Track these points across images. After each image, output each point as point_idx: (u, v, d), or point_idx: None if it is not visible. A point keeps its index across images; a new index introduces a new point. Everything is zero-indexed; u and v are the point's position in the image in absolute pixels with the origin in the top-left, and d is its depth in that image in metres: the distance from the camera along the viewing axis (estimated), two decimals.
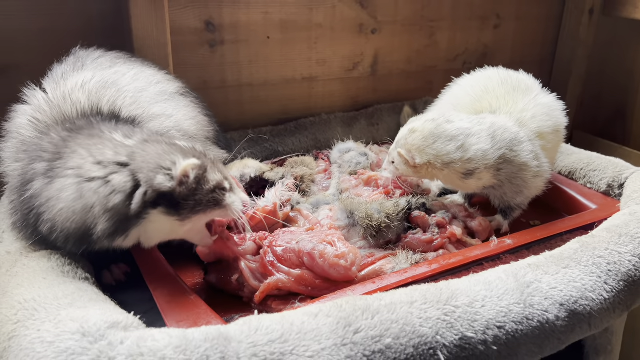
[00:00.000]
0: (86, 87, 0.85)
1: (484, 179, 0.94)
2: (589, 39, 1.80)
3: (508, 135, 0.94)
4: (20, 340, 0.58)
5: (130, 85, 0.90)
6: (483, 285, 0.70)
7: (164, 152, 0.73)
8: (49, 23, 1.09)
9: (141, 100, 0.90)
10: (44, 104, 0.82)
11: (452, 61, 1.67)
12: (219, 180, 0.76)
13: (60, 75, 0.87)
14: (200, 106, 1.07)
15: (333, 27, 1.42)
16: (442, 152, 0.92)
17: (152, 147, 0.73)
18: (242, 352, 0.55)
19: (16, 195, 0.76)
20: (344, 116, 1.45)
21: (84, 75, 0.87)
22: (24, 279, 0.69)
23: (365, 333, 0.59)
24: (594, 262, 0.77)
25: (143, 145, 0.74)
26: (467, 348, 0.62)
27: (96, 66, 0.92)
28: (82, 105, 0.82)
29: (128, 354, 0.54)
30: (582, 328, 0.71)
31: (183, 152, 0.74)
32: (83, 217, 0.70)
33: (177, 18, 1.21)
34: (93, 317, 0.59)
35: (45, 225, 0.73)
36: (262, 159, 1.19)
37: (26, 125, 0.81)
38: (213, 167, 0.76)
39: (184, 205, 0.72)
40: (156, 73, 1.00)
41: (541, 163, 0.97)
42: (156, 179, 0.70)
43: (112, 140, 0.74)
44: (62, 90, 0.83)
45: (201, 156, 0.76)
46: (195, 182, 0.72)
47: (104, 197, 0.70)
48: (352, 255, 0.80)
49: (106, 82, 0.87)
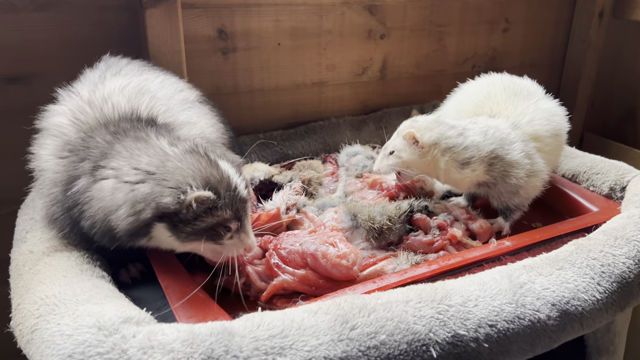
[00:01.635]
0: (125, 91, 0.88)
1: (478, 170, 0.98)
2: (599, 42, 1.81)
3: (499, 134, 0.98)
4: (41, 333, 0.63)
5: (160, 92, 0.94)
6: (477, 285, 0.72)
7: (190, 172, 0.74)
8: (69, 34, 1.15)
9: (172, 108, 0.93)
10: (85, 105, 0.85)
11: (461, 65, 1.69)
12: (226, 218, 0.76)
13: (97, 78, 0.91)
14: (217, 113, 1.11)
15: (342, 33, 1.45)
16: (447, 134, 0.98)
17: (187, 161, 0.75)
18: (244, 346, 0.59)
19: (59, 189, 0.80)
20: (352, 120, 1.48)
21: (121, 80, 0.90)
22: (46, 277, 0.74)
23: (361, 330, 0.63)
24: (588, 263, 0.79)
25: (183, 155, 0.76)
26: (459, 345, 0.65)
27: (129, 72, 0.95)
28: (122, 109, 0.85)
29: (139, 346, 0.58)
30: (574, 327, 0.74)
31: (205, 179, 0.74)
32: (113, 216, 0.74)
33: (191, 27, 1.26)
34: (108, 312, 0.63)
35: (87, 222, 0.77)
36: (272, 162, 1.24)
37: (68, 124, 0.84)
38: (230, 204, 0.76)
39: (182, 228, 0.75)
40: (178, 81, 1.04)
41: (534, 163, 0.99)
42: (165, 198, 0.72)
43: (157, 146, 0.77)
44: (101, 93, 0.87)
45: (220, 190, 0.75)
46: (198, 212, 0.74)
47: (131, 203, 0.73)
48: (353, 256, 0.83)
49: (142, 87, 0.91)
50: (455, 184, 1.04)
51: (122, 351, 0.58)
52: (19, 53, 1.11)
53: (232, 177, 0.78)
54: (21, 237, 0.88)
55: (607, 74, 1.89)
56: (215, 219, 0.75)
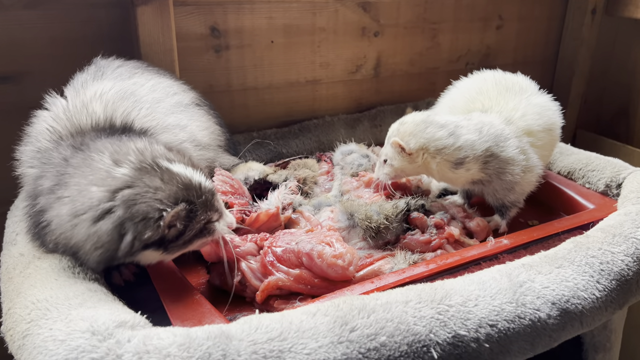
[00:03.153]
0: (104, 97, 0.85)
1: (472, 169, 0.96)
2: (592, 38, 1.81)
3: (494, 131, 0.97)
4: (33, 339, 0.61)
5: (147, 96, 0.91)
6: (477, 284, 0.72)
7: (151, 194, 0.70)
8: (59, 32, 1.13)
9: (157, 112, 0.90)
10: (61, 112, 0.83)
11: (455, 62, 1.69)
12: (209, 217, 0.76)
13: (81, 84, 0.88)
14: (213, 115, 1.10)
15: (336, 31, 1.44)
16: (435, 136, 0.95)
17: (141, 183, 0.71)
18: (242, 350, 0.58)
19: (28, 202, 0.79)
20: (347, 118, 1.47)
21: (103, 85, 0.87)
22: (37, 280, 0.72)
23: (361, 331, 0.62)
24: (587, 261, 0.79)
25: (133, 177, 0.71)
26: (460, 346, 0.64)
27: (116, 76, 0.93)
28: (97, 116, 0.82)
29: (135, 351, 0.57)
30: (574, 326, 0.73)
31: (171, 195, 0.71)
32: (78, 246, 0.72)
33: (183, 24, 1.24)
34: (102, 316, 0.61)
35: (50, 244, 0.76)
36: (266, 162, 1.22)
37: (44, 132, 0.81)
38: (203, 205, 0.75)
39: (173, 245, 0.74)
40: (173, 84, 1.02)
41: (529, 158, 0.99)
42: (144, 233, 0.70)
43: (99, 170, 0.72)
44: (82, 99, 0.84)
45: (191, 194, 0.73)
46: (184, 226, 0.73)
47: (95, 237, 0.70)
48: (350, 256, 0.82)
49: (124, 93, 0.88)
50: (450, 182, 1.03)
51: (116, 356, 0.57)
52: (8, 51, 1.09)
53: (191, 177, 0.75)
54: (11, 239, 0.86)
55: (600, 70, 1.90)
56: (201, 223, 0.75)
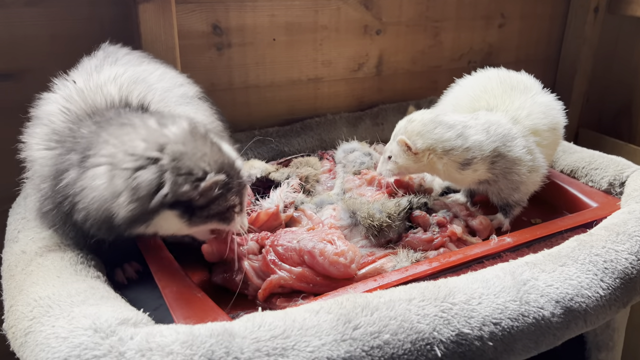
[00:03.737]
0: (118, 80, 0.85)
1: (480, 170, 0.96)
2: (594, 37, 1.81)
3: (501, 131, 0.96)
4: (35, 336, 0.61)
5: (158, 83, 0.92)
6: (480, 282, 0.71)
7: (199, 155, 0.72)
8: (61, 29, 1.12)
9: (168, 99, 0.91)
10: (75, 94, 0.83)
11: (457, 61, 1.68)
12: (235, 202, 0.77)
13: (94, 67, 0.89)
14: (215, 111, 1.09)
15: (338, 29, 1.44)
16: (443, 137, 0.94)
17: (192, 144, 0.73)
18: (245, 347, 0.58)
19: (49, 184, 0.78)
20: (349, 116, 1.46)
21: (116, 69, 0.88)
22: (39, 277, 0.72)
23: (365, 329, 0.62)
24: (591, 260, 0.79)
25: (184, 137, 0.73)
26: (464, 344, 0.64)
27: (127, 62, 0.93)
28: (112, 98, 0.83)
29: (137, 348, 0.57)
30: (578, 324, 0.73)
31: (218, 162, 0.74)
32: (111, 204, 0.71)
33: (185, 22, 1.24)
34: (104, 313, 0.61)
35: (80, 214, 0.74)
36: (268, 160, 1.22)
37: (57, 113, 0.81)
38: (236, 189, 0.77)
39: (197, 213, 0.74)
40: (178, 75, 1.02)
41: (535, 158, 0.98)
42: (182, 186, 0.70)
43: (147, 128, 0.74)
44: (95, 81, 0.85)
45: (231, 173, 0.76)
46: (215, 197, 0.73)
47: (132, 189, 0.70)
48: (352, 253, 0.82)
49: (137, 77, 0.88)
50: (455, 182, 1.03)
51: (119, 354, 0.56)
52: (9, 49, 1.08)
53: (236, 161, 0.78)
54: (13, 236, 0.86)
55: (603, 69, 1.89)
56: (228, 202, 0.76)
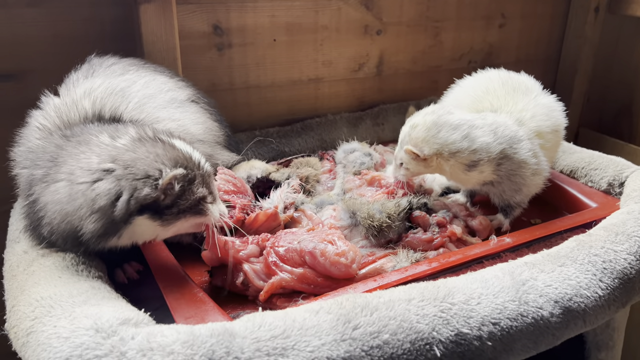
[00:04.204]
0: (92, 94, 0.86)
1: (485, 172, 0.96)
2: (595, 37, 1.81)
3: (508, 133, 0.96)
4: (37, 336, 0.61)
5: (138, 92, 0.92)
6: (479, 283, 0.72)
7: (152, 157, 0.73)
8: (63, 29, 1.13)
9: (146, 105, 0.91)
10: (51, 110, 0.84)
11: (457, 61, 1.68)
12: (204, 193, 0.77)
13: (72, 83, 0.90)
14: (211, 112, 1.09)
15: (338, 29, 1.44)
16: (449, 141, 0.94)
17: (142, 149, 0.74)
18: (246, 347, 0.58)
19: (24, 200, 0.80)
20: (349, 116, 1.47)
21: (92, 83, 0.88)
22: (41, 278, 0.73)
23: (364, 329, 0.62)
24: (590, 260, 0.79)
25: (133, 145, 0.74)
26: (463, 344, 0.64)
27: (108, 73, 0.93)
28: (85, 112, 0.84)
29: (138, 348, 0.57)
30: (577, 324, 0.73)
31: (172, 159, 0.74)
32: (73, 218, 0.72)
33: (186, 22, 1.24)
34: (106, 314, 0.62)
35: (45, 229, 0.76)
36: (268, 160, 1.22)
37: (34, 131, 0.83)
38: (200, 180, 0.77)
39: (167, 212, 0.74)
40: (168, 81, 1.02)
41: (540, 161, 0.99)
42: (142, 190, 0.71)
43: (99, 144, 0.75)
44: (72, 97, 0.85)
45: (190, 165, 0.76)
46: (179, 192, 0.74)
47: (90, 200, 0.71)
48: (352, 253, 0.82)
49: (113, 89, 0.89)
50: (460, 182, 1.03)
51: (120, 353, 0.57)
52: (11, 49, 1.09)
53: (192, 153, 0.78)
54: (15, 237, 0.86)
55: (603, 69, 1.89)
56: (196, 196, 0.76)
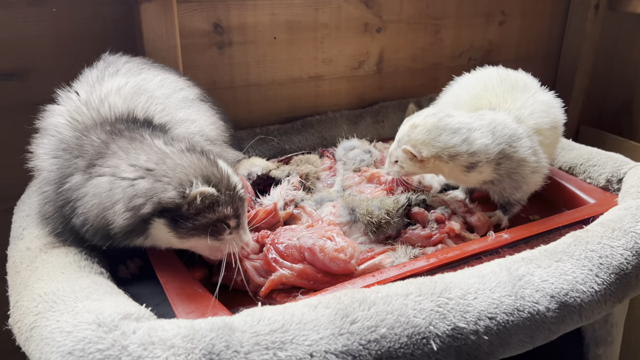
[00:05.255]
0: (122, 91, 0.89)
1: (485, 172, 0.96)
2: (595, 34, 1.81)
3: (507, 131, 0.96)
4: (40, 331, 0.62)
5: (158, 91, 0.95)
6: (476, 278, 0.73)
7: (192, 169, 0.75)
8: (64, 28, 1.13)
9: (169, 107, 0.94)
10: (82, 105, 0.86)
11: (457, 58, 1.69)
12: (226, 215, 0.78)
13: (95, 79, 0.91)
14: (218, 111, 1.11)
15: (339, 27, 1.45)
16: (449, 144, 0.94)
17: (186, 159, 0.77)
18: (245, 341, 0.59)
19: (52, 187, 0.80)
20: (349, 114, 1.47)
21: (118, 80, 0.91)
22: (44, 274, 0.74)
23: (362, 323, 0.63)
24: (586, 255, 0.80)
25: (181, 154, 0.77)
26: (459, 338, 0.65)
27: (126, 71, 0.96)
28: (119, 109, 0.86)
29: (140, 342, 0.58)
30: (573, 319, 0.74)
31: (208, 176, 0.76)
32: (108, 212, 0.75)
33: (186, 21, 1.25)
34: (107, 308, 0.63)
35: (79, 219, 0.77)
36: (269, 157, 1.23)
37: (64, 124, 0.84)
38: (228, 203, 0.78)
39: (182, 224, 0.75)
40: (178, 79, 1.04)
41: (539, 159, 0.99)
42: (168, 192, 0.73)
43: (153, 145, 0.78)
44: (98, 93, 0.88)
45: (222, 188, 0.77)
46: (200, 208, 0.75)
47: (128, 197, 0.74)
48: (351, 249, 0.83)
49: (139, 88, 0.92)
50: (460, 182, 1.04)
51: (122, 347, 0.58)
52: (13, 49, 1.10)
53: (231, 176, 0.80)
54: (18, 234, 0.88)
55: (603, 66, 1.89)
56: (216, 215, 0.77)
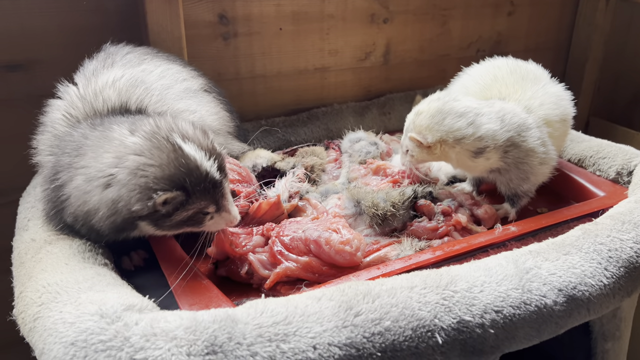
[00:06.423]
0: (116, 84, 0.88)
1: (492, 159, 0.95)
2: (606, 24, 1.78)
3: (517, 120, 0.95)
4: (44, 321, 0.62)
5: (157, 82, 0.94)
6: (483, 271, 0.72)
7: (152, 168, 0.72)
8: (68, 19, 1.13)
9: (167, 98, 0.93)
10: (76, 100, 0.86)
11: (465, 49, 1.67)
12: (201, 207, 0.76)
13: (92, 72, 0.91)
14: (223, 102, 1.10)
15: (345, 18, 1.43)
16: (454, 127, 0.93)
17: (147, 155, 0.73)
18: (248, 333, 0.58)
19: (48, 185, 0.81)
20: (355, 106, 1.46)
21: (114, 73, 0.90)
22: (48, 265, 0.74)
23: (366, 316, 0.62)
24: (595, 248, 0.78)
25: (142, 146, 0.74)
26: (465, 331, 0.65)
27: (125, 63, 0.94)
28: (112, 102, 0.85)
29: (142, 334, 0.58)
30: (581, 313, 0.73)
31: (170, 177, 0.72)
32: (91, 215, 0.75)
33: (191, 12, 1.24)
34: (110, 300, 0.63)
35: (69, 218, 0.78)
36: (274, 149, 1.23)
37: (60, 120, 0.84)
38: (201, 194, 0.75)
39: (162, 223, 0.75)
40: (182, 70, 1.03)
41: (548, 150, 0.98)
42: (134, 204, 0.72)
43: (116, 139, 0.76)
44: (94, 87, 0.87)
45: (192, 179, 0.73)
46: (171, 209, 0.74)
47: (105, 205, 0.74)
48: (357, 242, 0.82)
49: (135, 80, 0.90)
50: (467, 170, 1.03)
51: (124, 338, 0.58)
52: (18, 40, 1.10)
53: (199, 162, 0.74)
54: (23, 225, 0.88)
55: (614, 57, 1.86)
56: (190, 211, 0.76)
